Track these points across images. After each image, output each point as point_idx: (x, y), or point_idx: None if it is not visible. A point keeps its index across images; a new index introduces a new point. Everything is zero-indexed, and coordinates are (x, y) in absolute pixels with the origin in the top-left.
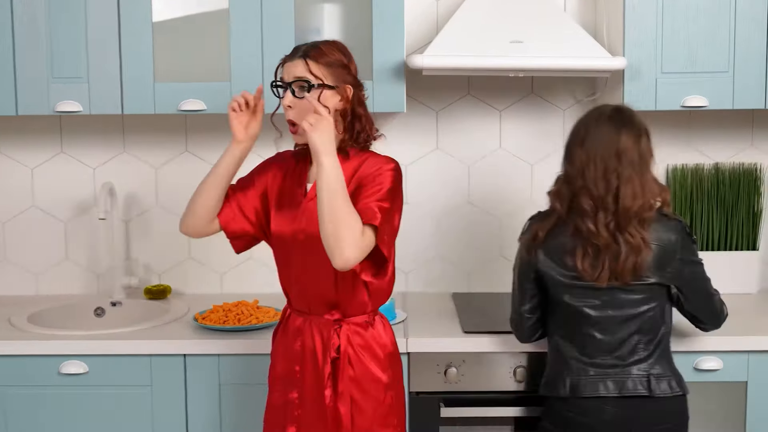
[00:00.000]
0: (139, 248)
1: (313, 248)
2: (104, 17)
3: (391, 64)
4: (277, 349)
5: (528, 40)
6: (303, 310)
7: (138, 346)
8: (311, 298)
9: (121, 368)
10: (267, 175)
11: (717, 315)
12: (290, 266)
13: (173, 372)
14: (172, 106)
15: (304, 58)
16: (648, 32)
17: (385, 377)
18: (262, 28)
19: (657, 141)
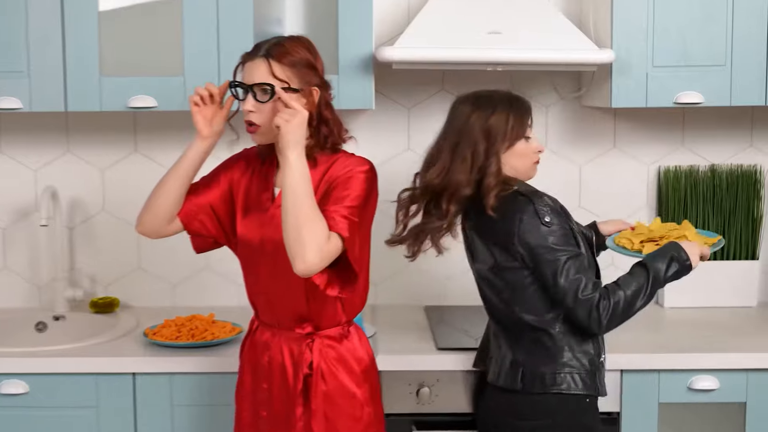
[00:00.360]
0: (84, 257)
1: (282, 258)
2: (46, 5)
3: (359, 56)
4: (244, 365)
5: (507, 31)
6: (271, 323)
7: (83, 364)
8: (280, 310)
9: (64, 388)
10: (233, 173)
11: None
12: (257, 276)
13: (121, 392)
14: (121, 102)
15: (267, 59)
16: (638, 23)
17: (361, 393)
18: (218, 18)
19: (647, 140)
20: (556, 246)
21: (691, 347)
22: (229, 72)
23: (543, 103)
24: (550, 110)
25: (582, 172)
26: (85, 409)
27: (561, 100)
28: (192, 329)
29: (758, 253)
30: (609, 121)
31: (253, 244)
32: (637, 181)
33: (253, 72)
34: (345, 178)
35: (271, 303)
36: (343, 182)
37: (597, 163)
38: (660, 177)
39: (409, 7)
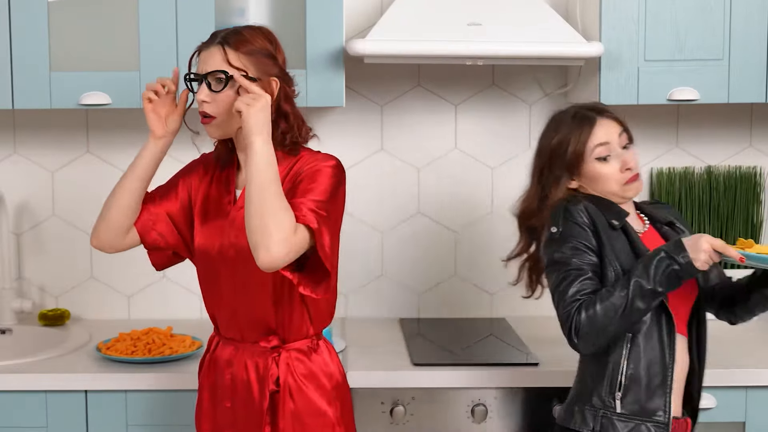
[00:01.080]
0: (33, 266)
1: (245, 264)
2: None
3: (328, 50)
4: (204, 384)
5: (488, 23)
6: (234, 338)
7: (32, 380)
8: (244, 323)
9: (11, 407)
10: (191, 179)
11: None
12: (218, 287)
13: (73, 411)
14: (72, 99)
15: (222, 46)
16: (629, 13)
17: (332, 411)
18: (177, 9)
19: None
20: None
21: None
22: (185, 65)
23: (527, 100)
24: (534, 107)
25: None
26: (34, 429)
27: (546, 96)
28: (149, 343)
29: None
30: None
31: (212, 252)
32: None
33: (207, 61)
34: (311, 171)
35: (233, 315)
36: (309, 176)
37: None
38: (653, 179)
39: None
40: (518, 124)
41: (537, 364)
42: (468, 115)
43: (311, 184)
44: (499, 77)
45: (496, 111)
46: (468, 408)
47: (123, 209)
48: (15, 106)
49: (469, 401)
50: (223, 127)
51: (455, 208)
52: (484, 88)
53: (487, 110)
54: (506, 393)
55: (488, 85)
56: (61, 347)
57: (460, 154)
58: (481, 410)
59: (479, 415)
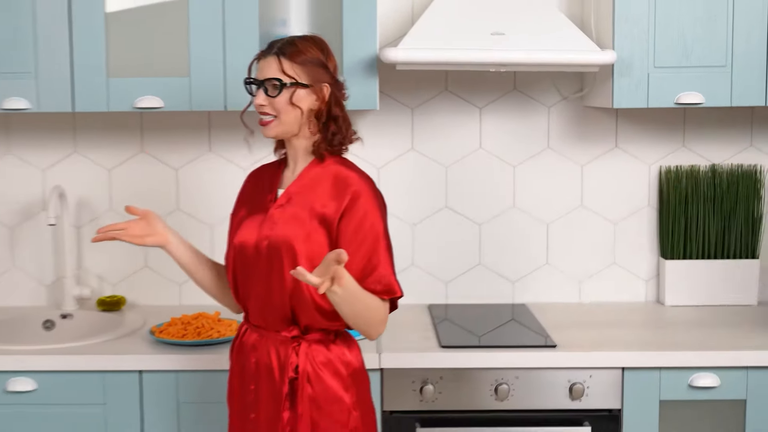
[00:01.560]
0: (92, 256)
1: (274, 258)
2: (54, 7)
3: (363, 58)
4: (234, 367)
5: (510, 32)
6: (260, 325)
7: (90, 361)
8: (269, 312)
9: (71, 385)
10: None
11: None
12: (249, 277)
13: (128, 390)
14: (127, 103)
15: (278, 56)
16: (639, 24)
17: (349, 397)
18: (224, 20)
19: (649, 140)
20: None
21: (692, 345)
22: (234, 72)
23: (545, 103)
24: (552, 110)
25: (584, 171)
26: (92, 407)
27: (563, 100)
28: (198, 327)
29: (758, 252)
30: (611, 121)
31: (248, 246)
32: (638, 181)
33: (265, 68)
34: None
35: (261, 304)
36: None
37: (599, 162)
38: (661, 177)
39: (413, 9)
40: (538, 126)
41: (555, 346)
42: (491, 118)
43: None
44: (520, 82)
45: (517, 113)
46: (491, 387)
47: (215, 289)
48: (75, 109)
49: (492, 380)
50: (277, 128)
51: (480, 203)
52: (507, 93)
53: (509, 113)
54: (526, 373)
55: (510, 90)
56: (117, 331)
57: (484, 153)
58: (503, 389)
59: (502, 393)
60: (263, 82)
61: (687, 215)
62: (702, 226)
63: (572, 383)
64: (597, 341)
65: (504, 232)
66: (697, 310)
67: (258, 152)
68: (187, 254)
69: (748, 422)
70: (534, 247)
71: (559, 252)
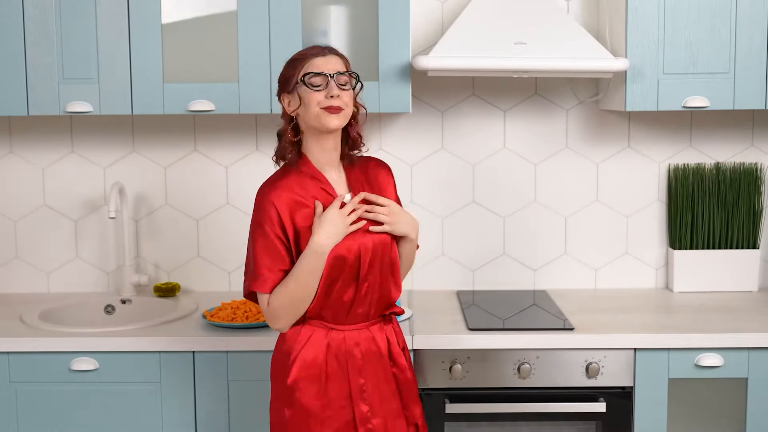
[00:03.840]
0: (149, 246)
1: (385, 253)
2: (114, 18)
3: (397, 65)
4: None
5: (531, 42)
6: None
7: (147, 342)
8: (373, 302)
9: (130, 365)
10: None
11: None
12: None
13: (182, 368)
14: (181, 106)
15: (340, 57)
16: (650, 34)
17: (410, 373)
18: (270, 30)
19: (658, 141)
20: None
21: (698, 328)
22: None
23: (564, 106)
24: (570, 113)
25: (599, 169)
26: (149, 384)
27: (580, 103)
28: (246, 311)
29: (759, 243)
30: (623, 123)
31: (350, 256)
32: (649, 178)
33: (329, 64)
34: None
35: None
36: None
37: (612, 161)
38: (670, 174)
39: (443, 21)
40: (557, 127)
41: (572, 328)
42: (514, 120)
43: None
44: (541, 87)
45: (538, 116)
46: (515, 366)
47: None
48: (134, 112)
49: (515, 360)
50: (345, 118)
51: (504, 198)
52: (528, 97)
53: (531, 115)
54: (546, 353)
55: (531, 94)
56: (172, 315)
57: (508, 152)
58: (525, 368)
59: (524, 371)
60: (333, 75)
61: (693, 209)
62: (707, 219)
63: (588, 363)
64: (611, 324)
65: (526, 224)
66: (703, 296)
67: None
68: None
69: (749, 399)
70: (553, 238)
71: (576, 243)
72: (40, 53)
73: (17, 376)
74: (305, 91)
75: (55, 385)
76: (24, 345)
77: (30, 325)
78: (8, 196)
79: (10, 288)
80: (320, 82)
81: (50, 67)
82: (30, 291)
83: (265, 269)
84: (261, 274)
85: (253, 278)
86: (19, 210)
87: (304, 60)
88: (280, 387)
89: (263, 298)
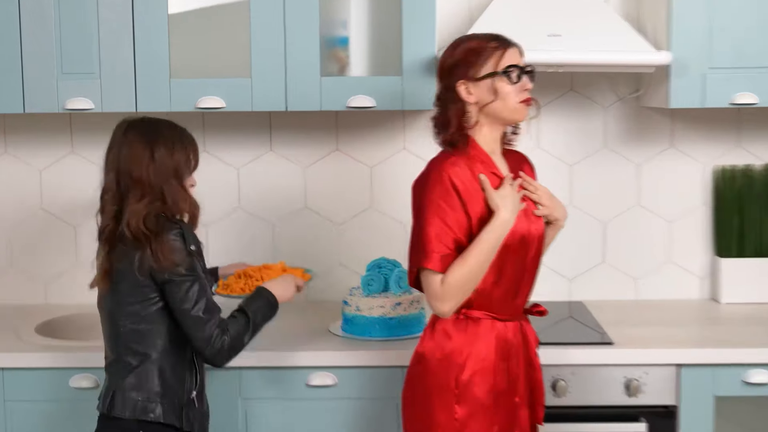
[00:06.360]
0: None
1: (536, 245)
2: (117, 8)
3: (422, 59)
4: (495, 367)
5: (567, 33)
6: (506, 315)
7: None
8: (522, 298)
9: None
10: (457, 204)
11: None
12: (516, 269)
13: None
14: (189, 103)
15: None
16: (695, 25)
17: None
18: (285, 21)
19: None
20: None
21: (747, 342)
22: (295, 72)
23: (602, 103)
24: (608, 110)
25: (640, 171)
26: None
27: (619, 100)
28: (258, 280)
29: None
30: (666, 121)
31: (523, 236)
32: (693, 180)
33: (520, 56)
34: None
35: (520, 293)
36: None
37: (655, 162)
38: (716, 176)
39: (471, 11)
40: (594, 126)
41: (611, 343)
42: (548, 117)
43: None
44: (577, 83)
45: (574, 114)
46: (549, 383)
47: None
48: (138, 109)
49: (550, 377)
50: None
51: None
52: (563, 93)
53: (566, 113)
54: (583, 370)
55: (567, 90)
56: None
57: (542, 152)
58: (561, 385)
59: (560, 389)
60: (525, 67)
61: (741, 214)
62: (756, 225)
63: (628, 380)
64: (653, 338)
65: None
66: (752, 307)
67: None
68: None
69: None
70: (590, 245)
71: (615, 250)
72: (37, 46)
73: (12, 394)
74: (504, 84)
75: (53, 404)
76: (19, 361)
77: (26, 340)
78: (3, 200)
79: (5, 299)
80: (517, 76)
81: (48, 61)
82: (26, 302)
83: (439, 247)
84: (432, 251)
85: (424, 256)
86: (15, 215)
87: (498, 50)
88: (445, 386)
89: (435, 278)
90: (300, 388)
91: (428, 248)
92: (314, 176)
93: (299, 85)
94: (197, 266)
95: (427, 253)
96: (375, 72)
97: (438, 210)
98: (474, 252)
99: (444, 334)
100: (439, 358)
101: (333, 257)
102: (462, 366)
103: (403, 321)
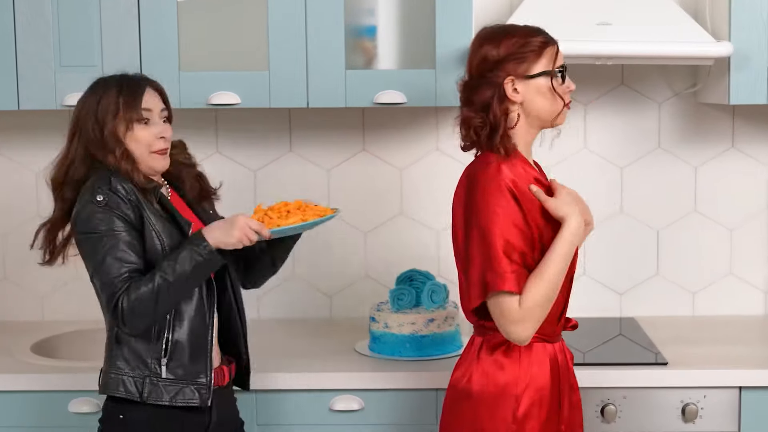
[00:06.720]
0: None
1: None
2: None
3: (457, 51)
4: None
5: (618, 22)
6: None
7: None
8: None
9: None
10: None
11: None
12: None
13: None
14: (201, 99)
15: None
16: (758, 13)
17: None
18: (306, 8)
19: (764, 140)
20: None
21: None
22: (317, 66)
23: (656, 99)
24: (663, 107)
25: (697, 173)
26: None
27: (675, 96)
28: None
29: None
30: (727, 119)
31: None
32: (756, 184)
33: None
34: None
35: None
36: None
37: (714, 164)
38: None
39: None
40: (647, 124)
41: (666, 363)
42: (597, 115)
43: None
44: (628, 77)
45: (625, 110)
46: (597, 407)
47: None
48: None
49: (598, 401)
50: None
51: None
52: (613, 88)
53: (616, 110)
54: (635, 393)
55: (617, 85)
56: None
57: (588, 153)
58: (610, 410)
59: (609, 414)
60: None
61: None
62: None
63: (685, 404)
64: (712, 358)
65: (610, 239)
66: None
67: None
68: None
69: None
70: (643, 255)
71: (670, 261)
72: (33, 37)
73: (6, 419)
74: (556, 83)
75: (50, 430)
76: (13, 383)
77: (20, 359)
78: None
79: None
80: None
81: (45, 53)
82: (21, 318)
83: (511, 266)
84: (505, 271)
85: (498, 277)
86: (8, 222)
87: (548, 47)
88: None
89: (512, 300)
90: (323, 413)
91: (500, 268)
92: (338, 179)
93: (322, 79)
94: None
95: (500, 273)
96: (405, 65)
97: (497, 223)
98: (549, 266)
99: (495, 365)
100: (493, 392)
101: (359, 269)
102: (519, 398)
103: (437, 339)
